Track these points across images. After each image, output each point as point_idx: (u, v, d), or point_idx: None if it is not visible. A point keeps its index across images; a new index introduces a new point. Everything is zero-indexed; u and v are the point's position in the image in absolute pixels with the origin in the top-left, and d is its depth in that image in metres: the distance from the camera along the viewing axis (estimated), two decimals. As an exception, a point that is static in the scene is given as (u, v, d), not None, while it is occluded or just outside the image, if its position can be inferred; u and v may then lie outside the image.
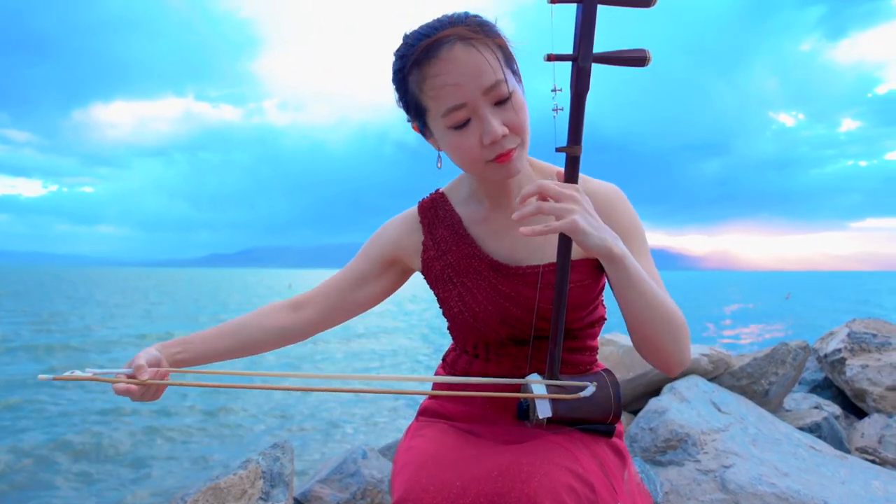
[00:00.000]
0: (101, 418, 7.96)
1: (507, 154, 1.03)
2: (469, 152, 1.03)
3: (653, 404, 2.79)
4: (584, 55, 0.89)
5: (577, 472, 0.97)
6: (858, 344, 3.74)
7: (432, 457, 1.04)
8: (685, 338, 1.04)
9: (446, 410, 1.22)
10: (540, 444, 1.04)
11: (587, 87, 0.91)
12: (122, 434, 7.28)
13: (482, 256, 1.16)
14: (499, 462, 0.97)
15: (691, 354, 1.08)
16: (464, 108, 1.00)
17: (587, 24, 0.88)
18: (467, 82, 0.98)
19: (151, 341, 14.87)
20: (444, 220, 1.22)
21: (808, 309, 35.02)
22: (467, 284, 1.15)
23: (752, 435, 2.60)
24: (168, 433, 7.57)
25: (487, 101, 1.00)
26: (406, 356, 14.91)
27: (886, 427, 3.39)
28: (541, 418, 1.03)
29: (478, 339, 1.19)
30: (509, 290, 1.13)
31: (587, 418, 1.08)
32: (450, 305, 1.18)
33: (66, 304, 28.76)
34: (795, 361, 3.24)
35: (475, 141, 1.02)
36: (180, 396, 9.24)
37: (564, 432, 1.09)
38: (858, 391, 3.61)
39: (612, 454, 1.12)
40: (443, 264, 1.19)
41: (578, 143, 0.93)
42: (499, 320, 1.13)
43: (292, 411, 8.93)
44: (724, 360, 3.25)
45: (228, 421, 8.39)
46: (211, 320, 22.92)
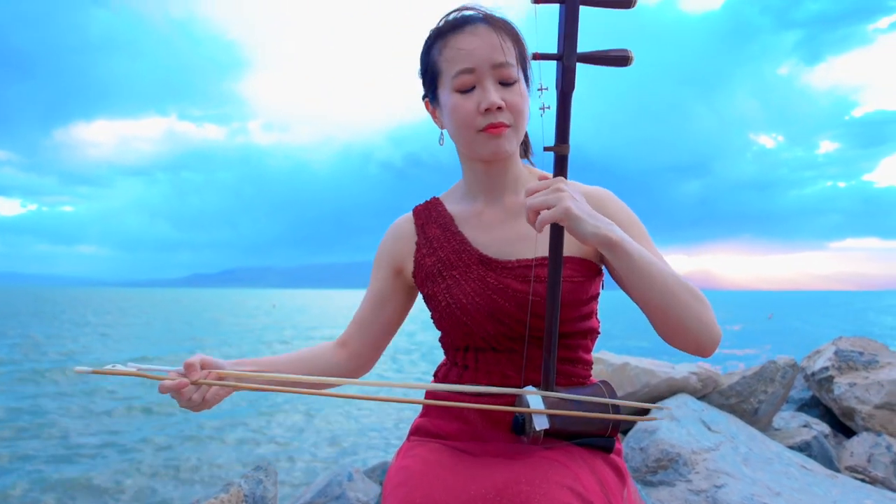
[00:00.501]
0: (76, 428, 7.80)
1: (499, 126, 1.09)
2: (466, 116, 1.10)
3: (642, 423, 2.76)
4: (568, 54, 0.91)
5: (577, 491, 0.93)
6: (846, 362, 3.73)
7: (426, 476, 1.00)
8: (710, 313, 0.98)
9: (438, 429, 1.18)
10: (538, 461, 1.00)
11: (573, 85, 0.93)
12: (100, 448, 7.12)
13: (471, 251, 1.17)
14: (495, 482, 0.93)
15: (720, 330, 1.01)
16: (471, 74, 1.08)
17: (570, 24, 0.91)
18: (481, 52, 1.07)
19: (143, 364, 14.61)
20: (436, 219, 1.25)
21: (791, 328, 35.31)
22: (456, 277, 1.16)
23: (743, 454, 2.57)
24: (153, 452, 7.42)
25: (494, 76, 1.08)
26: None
27: (875, 446, 3.38)
28: (538, 430, 0.99)
29: (467, 340, 1.16)
30: (497, 283, 1.12)
31: (585, 432, 1.04)
32: (438, 300, 1.17)
33: (49, 327, 28.20)
34: (784, 379, 3.23)
35: (473, 106, 1.09)
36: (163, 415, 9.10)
37: (562, 448, 1.05)
38: (847, 410, 3.60)
39: (612, 472, 1.07)
40: (433, 260, 1.20)
41: (566, 141, 0.95)
42: (487, 314, 1.12)
43: (276, 431, 8.80)
44: (713, 379, 3.23)
45: (211, 441, 8.24)
46: (194, 344, 22.57)
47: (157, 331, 27.99)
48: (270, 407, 10.42)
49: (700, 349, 1.00)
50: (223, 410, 11.19)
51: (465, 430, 1.15)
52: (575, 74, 0.92)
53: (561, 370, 1.14)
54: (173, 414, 9.67)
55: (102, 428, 8.71)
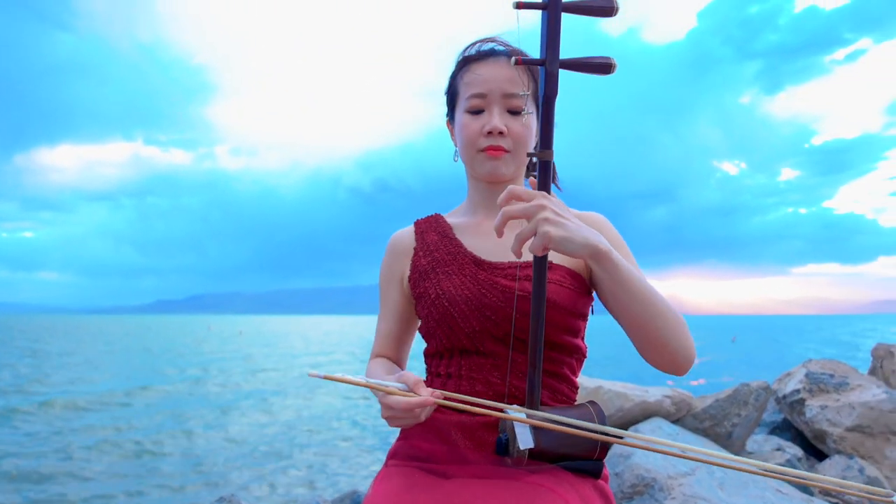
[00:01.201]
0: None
1: (498, 149, 1.17)
2: (470, 135, 1.19)
3: (617, 448, 2.69)
4: (551, 60, 0.92)
5: None
6: (817, 384, 3.73)
7: (402, 500, 0.95)
8: (687, 333, 1.02)
9: (418, 451, 1.12)
10: (523, 486, 0.94)
11: (555, 91, 0.93)
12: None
13: (465, 253, 1.21)
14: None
15: (696, 352, 1.04)
16: (482, 98, 1.18)
17: (553, 30, 0.91)
18: (495, 80, 1.18)
19: (120, 397, 13.95)
20: (436, 228, 1.30)
21: (756, 352, 35.84)
22: (447, 272, 1.19)
23: (718, 478, 2.52)
24: (115, 479, 7.13)
25: (503, 104, 1.18)
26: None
27: (847, 469, 3.36)
28: (522, 450, 0.94)
29: (451, 339, 1.14)
30: (486, 279, 1.15)
31: (572, 454, 0.99)
32: (427, 294, 1.19)
33: (9, 356, 27.05)
34: (757, 402, 3.20)
35: (478, 127, 1.18)
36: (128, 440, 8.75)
37: (548, 471, 0.99)
38: (818, 432, 3.59)
39: (599, 499, 1.02)
40: (428, 260, 1.24)
41: (549, 147, 0.95)
42: (474, 307, 1.12)
43: (241, 459, 8.55)
44: (687, 402, 3.19)
45: (173, 469, 7.96)
46: (154, 374, 21.94)
47: (119, 359, 27.17)
48: (236, 434, 10.14)
49: (676, 367, 1.03)
50: (190, 436, 10.88)
51: (446, 452, 1.09)
52: (558, 80, 0.93)
53: (546, 383, 1.11)
54: (113, 444, 9.31)
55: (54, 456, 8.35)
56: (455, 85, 1.26)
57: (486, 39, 1.24)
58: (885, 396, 3.58)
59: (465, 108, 1.21)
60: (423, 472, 1.05)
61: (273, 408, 13.63)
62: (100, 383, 17.20)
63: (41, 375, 18.57)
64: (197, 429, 10.20)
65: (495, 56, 1.20)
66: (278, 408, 13.56)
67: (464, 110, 1.21)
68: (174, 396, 14.26)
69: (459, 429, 1.09)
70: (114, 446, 9.12)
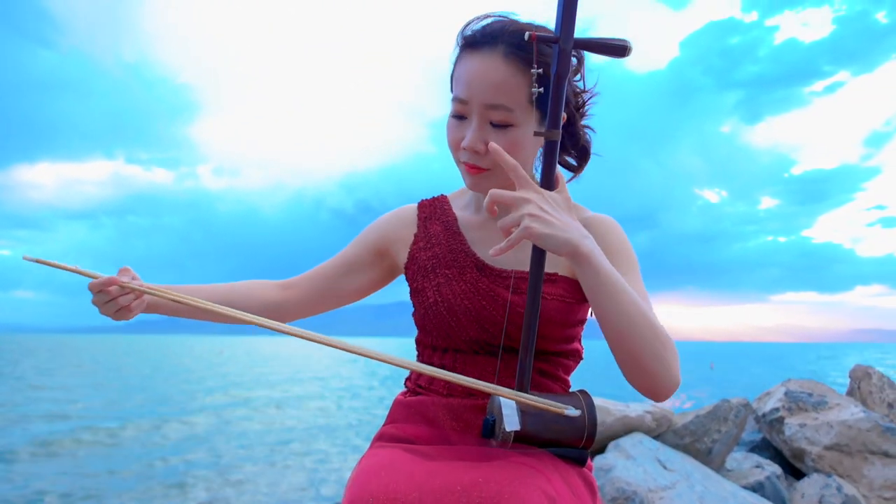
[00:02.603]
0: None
1: (474, 169, 1.05)
2: (451, 142, 1.08)
3: (598, 461, 2.68)
4: (565, 38, 0.88)
5: (550, 495, 0.86)
6: (796, 403, 3.76)
7: (385, 468, 0.92)
8: (671, 357, 0.92)
9: (405, 433, 1.10)
10: (507, 463, 0.92)
11: (568, 69, 0.90)
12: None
13: (469, 253, 1.15)
14: (461, 478, 0.86)
15: (680, 379, 0.94)
16: (465, 105, 1.04)
17: (569, 8, 0.88)
18: (480, 87, 1.01)
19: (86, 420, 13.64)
20: (440, 217, 1.23)
21: (733, 378, 36.07)
22: (448, 276, 1.13)
23: (698, 493, 2.52)
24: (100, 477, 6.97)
25: (485, 115, 1.02)
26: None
27: (826, 487, 3.37)
28: (508, 431, 0.92)
29: (447, 342, 1.12)
30: (487, 289, 1.09)
31: (558, 439, 0.97)
32: (426, 296, 1.13)
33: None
34: (737, 419, 3.21)
35: (458, 137, 1.05)
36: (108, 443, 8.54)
37: (533, 454, 0.97)
38: (797, 451, 3.61)
39: (584, 486, 1.00)
40: (429, 255, 1.18)
41: (557, 127, 0.91)
42: (472, 318, 1.08)
43: (231, 456, 8.42)
44: (668, 418, 3.19)
45: (166, 467, 7.81)
46: (133, 394, 21.57)
47: (96, 378, 26.67)
48: (237, 447, 9.97)
49: (655, 390, 0.93)
50: (189, 444, 10.64)
51: (433, 434, 1.08)
52: (570, 58, 0.90)
53: (539, 382, 1.09)
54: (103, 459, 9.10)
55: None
56: (453, 73, 1.11)
57: (488, 22, 1.06)
58: (863, 416, 3.62)
59: (451, 108, 1.08)
60: (407, 452, 1.04)
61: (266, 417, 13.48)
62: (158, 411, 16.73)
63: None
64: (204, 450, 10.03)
65: (491, 47, 1.02)
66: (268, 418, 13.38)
67: (451, 110, 1.08)
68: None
69: (447, 410, 1.08)
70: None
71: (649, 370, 0.91)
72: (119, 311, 1.05)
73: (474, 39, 1.04)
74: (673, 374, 0.92)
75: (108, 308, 1.04)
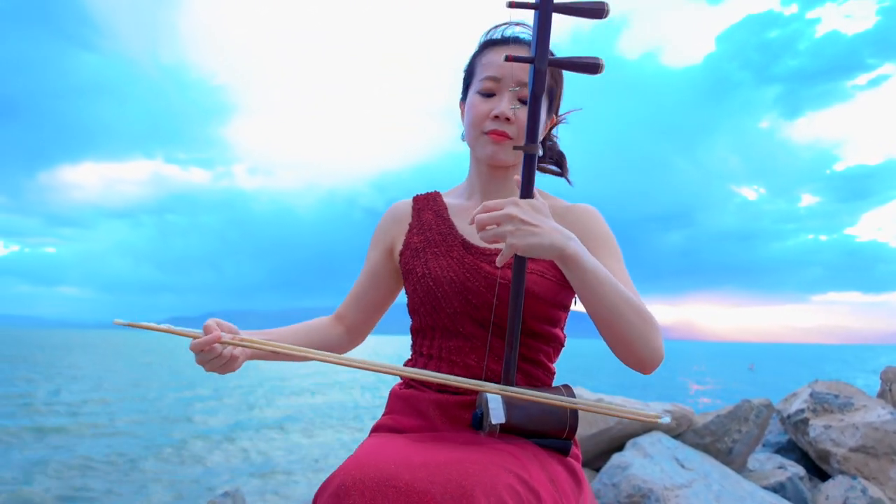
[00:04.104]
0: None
1: (502, 134, 1.18)
2: (477, 115, 1.20)
3: (616, 459, 2.72)
4: (540, 58, 0.96)
5: (521, 477, 0.93)
6: (821, 404, 3.73)
7: (374, 447, 1.01)
8: (655, 335, 1.04)
9: (398, 423, 1.19)
10: (487, 449, 1.00)
11: (543, 88, 0.98)
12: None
13: (456, 235, 1.25)
14: (438, 458, 0.93)
15: (664, 352, 1.07)
16: (496, 83, 1.19)
17: (543, 30, 0.95)
18: (512, 68, 1.16)
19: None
20: (432, 207, 1.33)
21: (772, 379, 35.29)
22: (436, 253, 1.23)
23: (715, 492, 2.54)
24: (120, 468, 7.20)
25: (515, 92, 1.17)
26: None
27: (850, 489, 3.34)
28: (494, 424, 1.01)
29: (434, 317, 1.20)
30: (472, 263, 1.19)
31: (542, 430, 1.05)
32: (415, 272, 1.23)
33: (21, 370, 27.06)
34: (759, 419, 3.21)
35: (487, 109, 1.19)
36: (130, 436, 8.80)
37: (516, 443, 1.04)
38: (822, 452, 3.57)
39: (567, 475, 1.07)
40: (420, 239, 1.28)
41: (535, 141, 0.99)
42: (457, 290, 1.17)
43: (245, 457, 8.60)
44: (688, 417, 3.20)
45: (185, 462, 8.03)
46: (174, 387, 22.04)
47: (136, 373, 27.32)
48: (253, 429, 10.15)
49: (642, 365, 1.06)
50: (205, 429, 10.92)
51: (424, 426, 1.16)
52: (546, 77, 0.98)
53: (522, 368, 1.17)
54: (134, 434, 9.37)
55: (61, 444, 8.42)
56: (473, 65, 1.26)
57: (513, 24, 1.23)
58: (890, 417, 3.57)
59: (477, 88, 1.21)
60: (398, 438, 1.11)
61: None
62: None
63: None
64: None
65: (518, 44, 1.21)
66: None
67: (476, 91, 1.21)
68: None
69: (436, 406, 1.15)
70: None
71: (635, 349, 1.03)
72: (224, 365, 1.07)
73: (504, 39, 1.22)
74: (656, 350, 1.05)
75: (214, 364, 1.06)
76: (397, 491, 0.85)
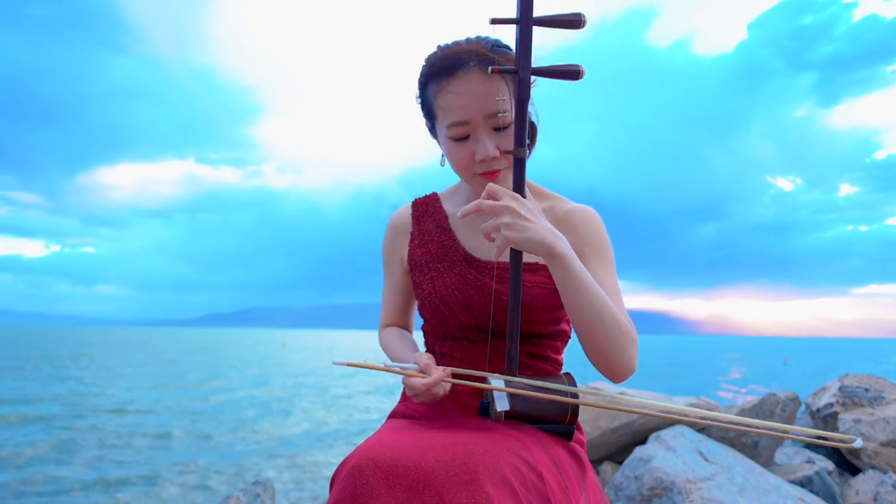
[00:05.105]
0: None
1: (494, 173, 1.17)
2: (461, 163, 1.18)
3: (638, 452, 2.73)
4: (523, 68, 1.04)
5: (524, 458, 0.99)
6: (850, 398, 3.68)
7: (387, 435, 1.07)
8: (629, 346, 1.08)
9: (413, 411, 1.27)
10: (491, 432, 1.06)
11: (528, 96, 1.06)
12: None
13: (458, 248, 1.28)
14: (445, 440, 0.99)
15: (636, 365, 1.11)
16: (465, 126, 1.15)
17: (525, 42, 1.03)
18: (474, 104, 1.13)
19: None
20: (432, 215, 1.36)
21: (808, 374, 34.60)
22: (440, 269, 1.26)
23: (739, 485, 2.54)
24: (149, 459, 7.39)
25: (488, 125, 1.14)
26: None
27: (881, 484, 3.30)
28: (499, 412, 1.08)
29: (444, 328, 1.27)
30: (474, 279, 1.23)
31: (544, 417, 1.11)
32: (422, 288, 1.28)
33: (75, 369, 27.74)
34: (785, 413, 3.19)
35: (468, 155, 1.16)
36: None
37: (520, 429, 1.10)
38: (852, 447, 3.53)
39: (570, 457, 1.12)
40: (423, 251, 1.31)
41: (522, 145, 1.07)
42: (462, 306, 1.22)
43: (276, 449, 8.76)
44: (712, 411, 3.19)
45: (211, 454, 8.21)
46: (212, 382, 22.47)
47: (177, 369, 27.89)
48: (281, 419, 10.29)
49: (612, 374, 1.10)
50: (237, 420, 11.18)
51: (436, 412, 1.24)
52: (530, 86, 1.06)
53: (529, 364, 1.23)
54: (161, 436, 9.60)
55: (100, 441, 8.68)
56: (430, 104, 1.19)
57: (450, 50, 1.15)
58: (923, 412, 3.51)
59: (447, 134, 1.17)
60: (411, 424, 1.18)
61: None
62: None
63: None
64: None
65: (465, 69, 1.12)
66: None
67: (447, 136, 1.17)
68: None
69: (448, 395, 1.21)
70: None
71: (608, 357, 1.07)
72: (430, 398, 1.11)
73: (446, 66, 1.14)
74: (629, 362, 1.08)
75: (431, 397, 1.11)
76: (406, 470, 0.91)
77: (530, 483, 0.95)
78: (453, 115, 1.14)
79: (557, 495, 0.97)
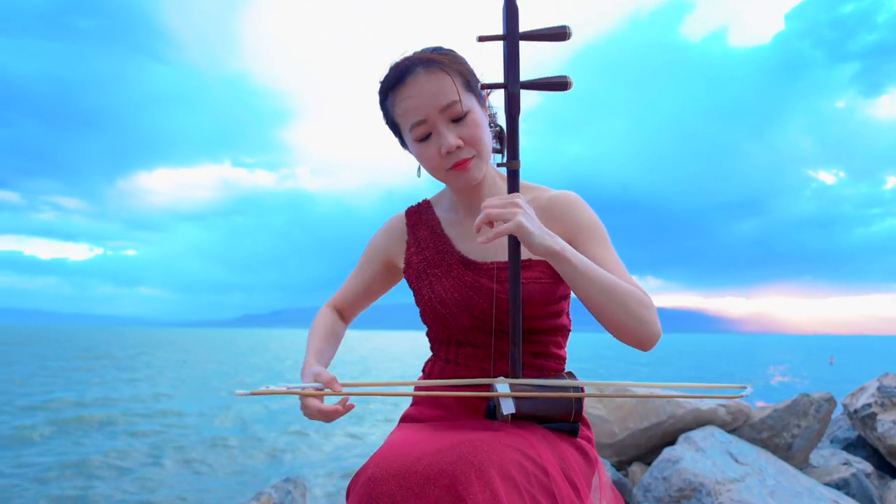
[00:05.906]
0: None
1: (464, 163, 1.20)
2: (431, 161, 1.22)
3: (667, 453, 2.72)
4: (512, 83, 1.09)
5: (530, 456, 1.02)
6: (889, 398, 3.60)
7: (398, 442, 1.11)
8: (648, 314, 1.10)
9: (423, 415, 1.30)
10: (500, 432, 1.09)
11: (518, 109, 1.10)
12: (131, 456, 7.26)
13: (454, 252, 1.31)
14: (453, 440, 1.03)
15: (659, 329, 1.13)
16: (424, 124, 1.19)
17: (512, 57, 1.07)
18: (426, 102, 1.17)
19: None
20: (426, 222, 1.39)
21: (854, 373, 33.58)
22: (438, 274, 1.30)
23: (770, 487, 2.51)
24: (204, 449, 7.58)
25: (444, 118, 1.18)
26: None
27: (922, 486, 3.22)
28: (505, 415, 1.11)
29: (447, 332, 1.30)
30: (473, 281, 1.25)
31: (549, 416, 1.14)
32: (422, 294, 1.31)
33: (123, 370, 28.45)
34: (819, 413, 3.13)
35: (435, 151, 1.20)
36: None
37: (526, 428, 1.13)
38: (892, 448, 3.45)
39: (578, 454, 1.15)
40: (420, 258, 1.35)
41: (516, 157, 1.12)
42: (463, 308, 1.25)
43: (320, 449, 8.90)
44: (744, 412, 3.16)
45: (245, 451, 8.38)
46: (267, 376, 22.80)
47: (215, 369, 28.45)
48: (309, 422, 10.45)
49: (639, 343, 1.12)
50: (266, 419, 11.35)
51: (445, 416, 1.27)
52: (519, 99, 1.10)
53: (533, 363, 1.26)
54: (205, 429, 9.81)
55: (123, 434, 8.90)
56: (391, 117, 1.26)
57: (396, 64, 1.21)
58: (966, 413, 3.41)
59: (412, 138, 1.21)
60: (421, 427, 1.23)
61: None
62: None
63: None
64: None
65: (412, 74, 1.17)
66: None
67: (412, 140, 1.22)
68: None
69: (456, 398, 1.26)
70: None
71: (631, 330, 1.10)
72: (332, 418, 1.12)
73: (395, 77, 1.20)
74: (651, 328, 1.11)
75: (324, 417, 1.12)
76: (420, 476, 0.95)
77: (534, 479, 0.99)
78: (411, 117, 1.19)
79: (563, 490, 1.01)
